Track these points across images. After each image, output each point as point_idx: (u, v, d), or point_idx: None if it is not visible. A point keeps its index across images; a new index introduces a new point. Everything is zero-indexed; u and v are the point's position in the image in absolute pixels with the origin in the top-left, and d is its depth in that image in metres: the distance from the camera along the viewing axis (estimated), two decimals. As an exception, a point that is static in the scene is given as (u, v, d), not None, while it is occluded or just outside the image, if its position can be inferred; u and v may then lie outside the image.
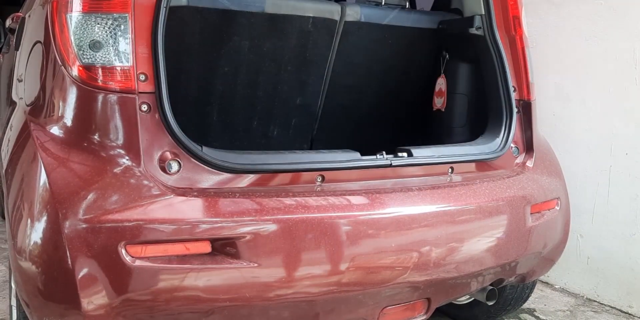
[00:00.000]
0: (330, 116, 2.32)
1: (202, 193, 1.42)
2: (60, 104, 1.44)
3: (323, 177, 1.60)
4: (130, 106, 1.38)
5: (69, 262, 1.28)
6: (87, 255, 1.29)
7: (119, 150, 1.39)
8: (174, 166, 1.41)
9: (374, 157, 1.70)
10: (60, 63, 1.41)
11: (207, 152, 1.45)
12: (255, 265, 1.39)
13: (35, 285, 1.35)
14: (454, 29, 2.16)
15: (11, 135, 1.67)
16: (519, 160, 1.99)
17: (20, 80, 1.83)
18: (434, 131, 2.30)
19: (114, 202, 1.33)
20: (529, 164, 1.98)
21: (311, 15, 2.05)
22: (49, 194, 1.34)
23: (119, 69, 1.39)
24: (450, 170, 1.81)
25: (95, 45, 1.38)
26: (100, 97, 1.39)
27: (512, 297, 2.27)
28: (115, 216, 1.31)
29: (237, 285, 1.40)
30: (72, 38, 1.38)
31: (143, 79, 1.39)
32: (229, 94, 2.07)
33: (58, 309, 1.36)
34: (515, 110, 1.96)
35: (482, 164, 1.89)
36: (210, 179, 1.45)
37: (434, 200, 1.64)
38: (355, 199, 1.54)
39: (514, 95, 1.97)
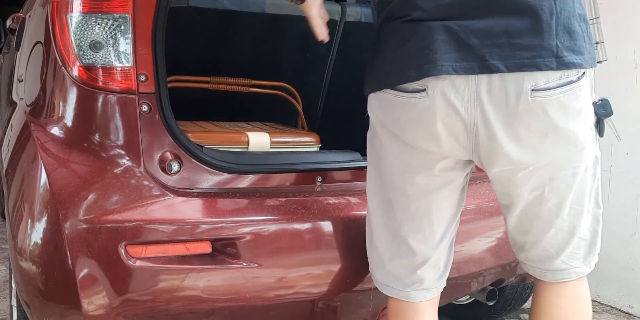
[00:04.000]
0: (331, 116, 2.32)
1: (202, 193, 1.42)
2: (61, 104, 1.44)
3: (323, 178, 1.60)
4: (131, 107, 1.38)
5: (70, 263, 1.28)
6: (88, 255, 1.29)
7: (119, 150, 1.39)
8: (175, 166, 1.41)
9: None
10: (60, 63, 1.41)
11: (207, 152, 1.45)
12: (256, 265, 1.39)
13: (35, 285, 1.35)
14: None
15: (11, 135, 1.67)
16: (519, 160, 1.99)
17: (20, 81, 1.84)
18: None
19: (114, 202, 1.33)
20: (529, 164, 1.98)
21: (311, 15, 2.05)
22: (50, 194, 1.34)
23: (119, 69, 1.39)
24: (450, 170, 1.81)
25: (95, 46, 1.38)
26: (100, 98, 1.38)
27: (512, 297, 2.27)
28: (115, 216, 1.31)
29: (238, 285, 1.40)
30: (72, 38, 1.38)
31: (143, 79, 1.39)
32: (229, 94, 2.07)
33: (58, 309, 1.36)
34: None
35: (483, 164, 1.89)
36: (210, 180, 1.45)
37: (434, 201, 1.64)
38: (356, 199, 1.54)
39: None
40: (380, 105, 1.19)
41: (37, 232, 1.35)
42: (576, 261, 1.33)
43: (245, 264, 1.39)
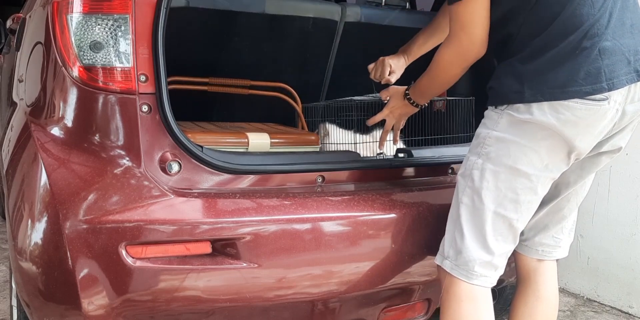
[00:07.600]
0: (331, 116, 2.32)
1: (202, 194, 1.42)
2: (61, 104, 1.45)
3: (323, 178, 1.60)
4: (131, 107, 1.39)
5: (70, 263, 1.29)
6: (88, 255, 1.29)
7: (119, 151, 1.39)
8: (175, 167, 1.41)
9: (374, 157, 1.70)
10: (60, 64, 1.41)
11: (207, 152, 1.45)
12: (256, 266, 1.39)
13: (35, 285, 1.35)
14: (454, 29, 2.16)
15: (12, 135, 1.68)
16: (519, 160, 1.99)
17: (20, 81, 1.84)
18: (434, 132, 2.31)
19: (114, 202, 1.33)
20: (529, 164, 1.98)
21: (311, 16, 2.06)
22: (50, 195, 1.34)
23: (119, 69, 1.39)
24: (450, 170, 1.81)
25: (95, 46, 1.38)
26: (100, 98, 1.39)
27: (512, 298, 2.27)
28: (115, 217, 1.31)
29: (238, 285, 1.40)
30: (72, 39, 1.39)
31: (143, 79, 1.39)
32: (229, 94, 2.07)
33: (58, 310, 1.36)
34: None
35: (482, 165, 1.88)
36: (210, 180, 1.46)
37: (435, 201, 1.64)
38: (356, 200, 1.54)
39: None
40: (558, 111, 1.32)
41: (37, 233, 1.35)
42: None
43: (245, 265, 1.39)
